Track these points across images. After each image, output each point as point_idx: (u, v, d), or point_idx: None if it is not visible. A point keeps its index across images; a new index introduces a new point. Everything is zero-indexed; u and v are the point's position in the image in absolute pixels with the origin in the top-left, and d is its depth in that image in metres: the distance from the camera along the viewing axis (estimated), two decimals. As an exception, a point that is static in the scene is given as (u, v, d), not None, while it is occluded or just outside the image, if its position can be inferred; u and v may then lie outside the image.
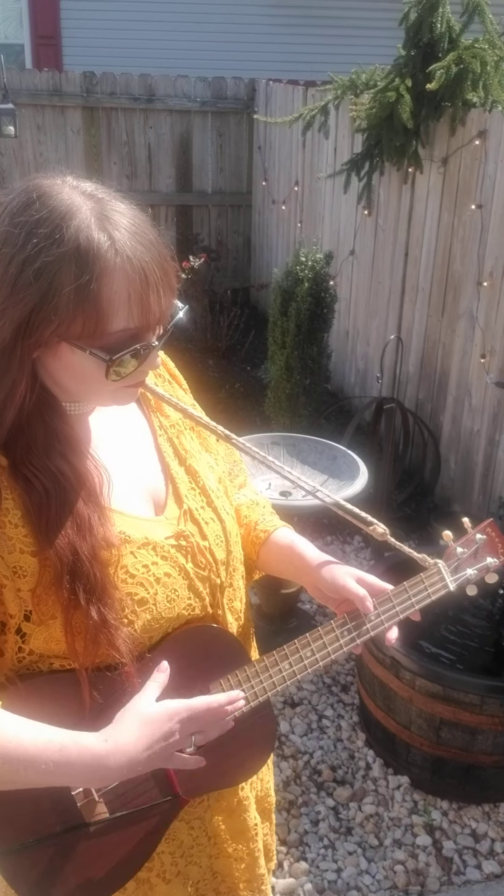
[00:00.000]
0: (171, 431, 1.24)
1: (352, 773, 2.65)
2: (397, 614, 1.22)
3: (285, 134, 5.85)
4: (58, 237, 0.91)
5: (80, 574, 1.01)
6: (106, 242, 0.92)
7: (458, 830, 2.48)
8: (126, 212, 0.96)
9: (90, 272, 0.91)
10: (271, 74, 6.74)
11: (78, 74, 6.54)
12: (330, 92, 4.50)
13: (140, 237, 0.95)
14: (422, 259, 4.11)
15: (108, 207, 0.95)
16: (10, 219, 0.93)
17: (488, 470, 3.70)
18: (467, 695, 2.33)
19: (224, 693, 1.11)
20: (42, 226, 0.91)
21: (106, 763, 1.00)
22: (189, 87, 6.68)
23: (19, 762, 0.97)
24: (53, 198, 0.93)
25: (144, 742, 1.02)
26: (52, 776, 0.99)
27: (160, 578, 1.10)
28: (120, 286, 0.92)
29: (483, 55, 3.60)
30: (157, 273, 0.95)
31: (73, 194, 0.94)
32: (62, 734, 1.00)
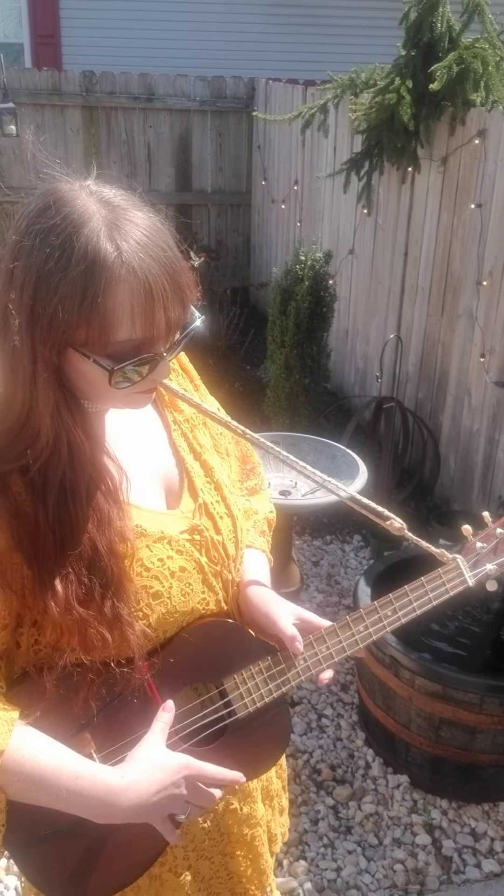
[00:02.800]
0: (185, 426, 1.25)
1: (351, 773, 2.66)
2: (414, 610, 1.21)
3: (285, 133, 5.85)
4: (68, 246, 0.91)
5: (97, 568, 1.02)
6: (113, 253, 0.92)
7: (457, 829, 2.48)
8: (141, 221, 0.96)
9: (95, 282, 0.91)
10: (271, 74, 6.74)
11: (77, 74, 6.54)
12: (329, 91, 4.50)
13: (150, 248, 0.94)
14: (421, 258, 4.11)
15: (121, 216, 0.95)
16: (26, 225, 0.95)
17: (488, 469, 3.70)
18: (467, 694, 2.33)
19: (232, 773, 1.11)
20: (54, 233, 0.92)
21: (117, 800, 1.01)
22: (188, 86, 6.68)
23: (33, 782, 0.99)
24: (68, 204, 0.94)
25: (156, 787, 1.03)
26: (64, 803, 1.00)
27: (175, 572, 1.11)
28: (124, 297, 0.92)
29: (484, 55, 3.60)
30: (165, 286, 0.94)
31: (88, 201, 0.94)
32: (80, 763, 1.02)
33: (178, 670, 1.12)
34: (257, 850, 1.34)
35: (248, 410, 4.79)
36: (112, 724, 1.07)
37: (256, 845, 1.34)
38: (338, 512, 3.87)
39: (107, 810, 1.01)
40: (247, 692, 1.16)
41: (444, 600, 1.23)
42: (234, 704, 1.15)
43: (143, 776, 1.03)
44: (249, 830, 1.32)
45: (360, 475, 3.06)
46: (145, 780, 1.03)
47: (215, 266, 6.55)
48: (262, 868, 1.36)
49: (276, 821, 1.45)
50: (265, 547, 1.37)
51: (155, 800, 1.03)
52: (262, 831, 1.35)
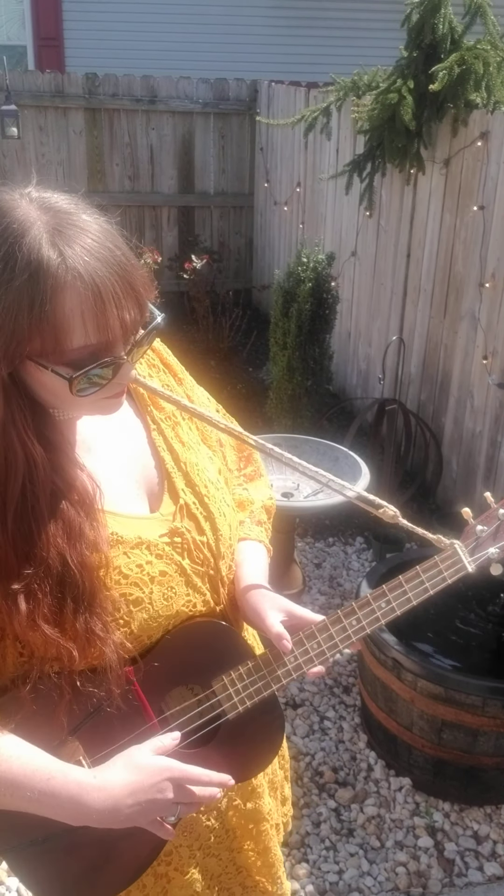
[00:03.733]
0: (166, 424, 1.22)
1: (353, 775, 2.65)
2: (410, 600, 1.16)
3: (287, 135, 5.85)
4: (10, 256, 0.89)
5: (68, 583, 1.00)
6: (56, 259, 0.89)
7: (459, 832, 2.47)
8: (86, 224, 0.94)
9: (41, 290, 0.89)
10: (273, 76, 6.75)
11: (80, 76, 6.55)
12: (332, 93, 4.50)
13: (97, 251, 0.92)
14: (424, 260, 4.10)
15: (64, 221, 0.92)
16: None
17: (490, 471, 3.69)
18: (469, 696, 2.32)
19: (219, 775, 1.09)
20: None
21: (88, 800, 0.99)
22: (191, 88, 6.69)
23: (5, 786, 0.98)
24: (8, 214, 0.91)
25: (130, 789, 1.01)
26: (38, 804, 0.99)
27: (155, 577, 1.09)
28: (73, 303, 0.90)
29: (486, 56, 3.60)
30: (115, 287, 0.92)
31: (30, 209, 0.92)
32: (53, 764, 1.00)
33: (166, 673, 1.11)
34: (265, 843, 1.34)
35: (250, 412, 4.79)
36: (101, 731, 1.06)
37: (264, 839, 1.34)
38: (340, 514, 3.87)
39: (80, 810, 0.99)
40: (236, 692, 1.14)
41: (441, 588, 1.17)
42: (223, 705, 1.14)
43: (116, 777, 1.01)
44: (255, 826, 1.32)
45: (363, 477, 3.06)
46: (119, 782, 1.01)
47: (217, 268, 6.55)
48: (272, 861, 1.36)
49: (279, 811, 1.46)
50: (262, 537, 1.34)
51: (130, 801, 1.01)
52: (270, 826, 1.35)
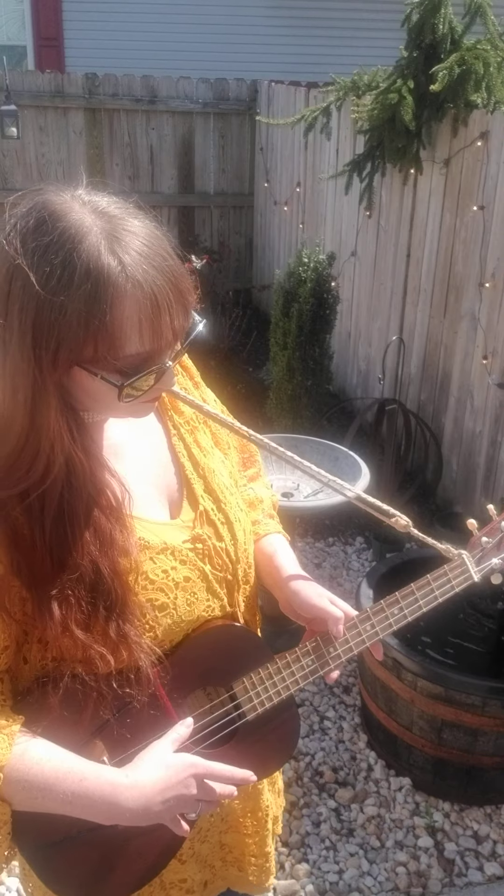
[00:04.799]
0: (185, 428, 1.23)
1: (353, 775, 2.65)
2: (420, 608, 1.20)
3: (287, 135, 5.85)
4: (68, 263, 0.88)
5: (100, 590, 1.01)
6: (116, 268, 0.89)
7: (459, 832, 2.47)
8: (139, 231, 0.93)
9: (100, 298, 0.89)
10: (273, 76, 6.75)
11: (80, 76, 6.55)
12: (332, 93, 4.50)
13: (152, 259, 0.92)
14: (423, 260, 4.10)
15: (119, 227, 0.92)
16: (21, 243, 0.90)
17: (490, 472, 3.70)
18: (469, 696, 2.32)
19: (241, 771, 1.11)
20: (52, 250, 0.89)
21: (121, 800, 1.01)
22: (191, 88, 6.69)
23: (38, 790, 0.99)
24: (63, 218, 0.90)
25: (161, 786, 1.03)
26: (70, 806, 1.00)
27: (179, 583, 1.11)
28: (131, 312, 0.90)
29: (486, 56, 3.60)
30: (169, 295, 0.93)
31: (83, 213, 0.91)
32: (85, 765, 1.02)
33: (187, 675, 1.13)
34: (263, 835, 1.37)
35: (250, 412, 4.79)
36: (123, 732, 1.07)
37: (262, 831, 1.37)
38: (340, 514, 3.87)
39: (113, 810, 1.01)
40: (256, 695, 1.16)
41: (449, 597, 1.22)
42: (243, 707, 1.16)
43: (147, 776, 1.03)
44: (252, 815, 1.35)
45: (363, 477, 3.06)
46: (150, 780, 1.02)
47: (218, 268, 6.55)
48: (267, 852, 1.39)
49: (276, 803, 1.47)
50: (279, 528, 1.37)
51: (160, 799, 1.02)
52: (269, 818, 1.38)
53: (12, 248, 0.90)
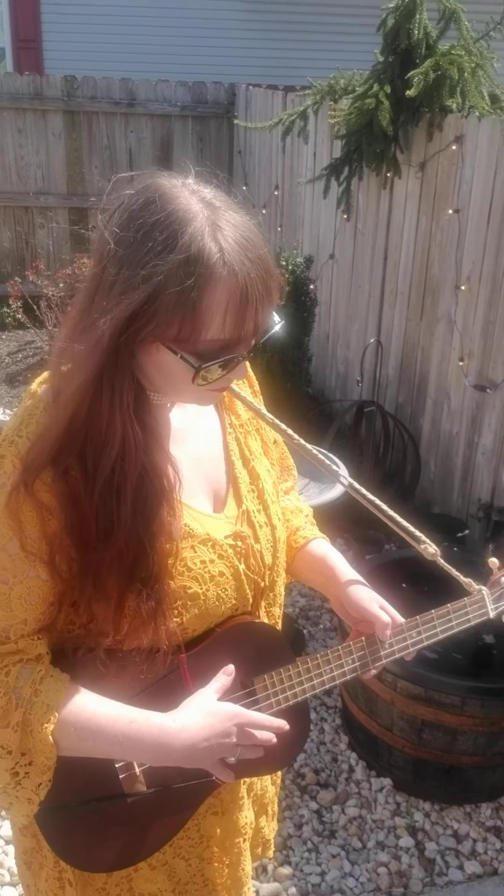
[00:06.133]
0: (240, 431, 1.27)
1: (335, 776, 2.67)
2: (437, 634, 1.28)
3: (265, 138, 5.87)
4: (171, 242, 0.92)
5: (141, 567, 1.05)
6: (216, 254, 0.93)
7: (440, 831, 2.49)
8: (239, 224, 0.97)
9: (195, 280, 0.92)
10: (251, 79, 6.77)
11: (59, 78, 6.54)
12: (309, 97, 4.52)
13: (248, 251, 0.96)
14: (401, 263, 4.13)
15: (222, 217, 0.96)
16: (128, 218, 0.95)
17: (467, 472, 3.73)
18: (448, 696, 2.34)
19: (278, 720, 1.14)
20: (158, 229, 0.93)
21: (170, 741, 1.05)
22: (170, 91, 6.70)
23: (90, 731, 1.03)
24: (172, 201, 0.95)
25: (206, 732, 1.07)
26: (120, 748, 1.05)
27: (214, 577, 1.14)
28: (221, 297, 0.94)
29: (460, 61, 3.63)
30: (259, 289, 0.96)
31: (191, 199, 0.95)
32: (132, 709, 1.06)
33: (213, 665, 1.15)
34: (236, 857, 1.34)
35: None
36: (147, 707, 1.10)
37: (236, 853, 1.33)
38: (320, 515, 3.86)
39: (161, 751, 1.05)
40: (274, 694, 1.20)
41: (465, 628, 1.30)
42: (260, 704, 1.19)
43: (194, 720, 1.07)
44: (229, 838, 1.32)
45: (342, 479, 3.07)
46: (196, 724, 1.06)
47: None
48: (239, 876, 1.36)
49: (269, 826, 1.46)
50: (323, 535, 1.44)
51: (205, 744, 1.06)
52: (244, 840, 1.35)
53: (119, 223, 0.95)
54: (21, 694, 1.01)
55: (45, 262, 6.43)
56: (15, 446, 1.02)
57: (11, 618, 1.03)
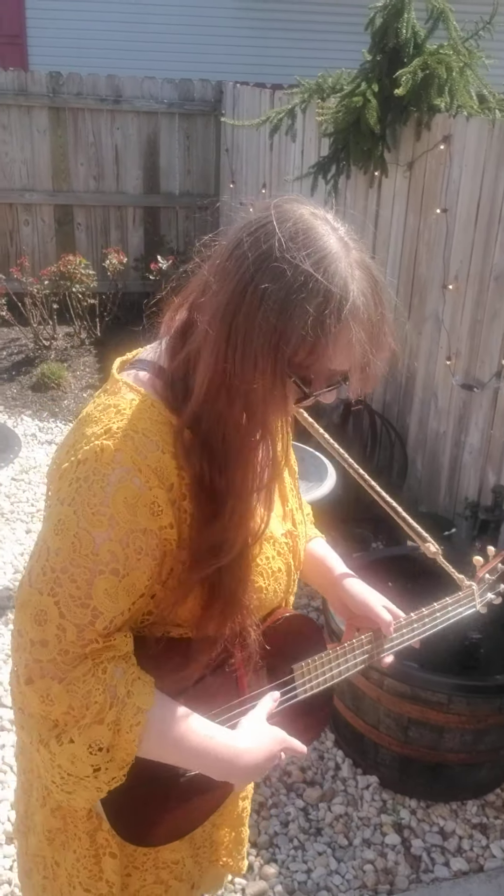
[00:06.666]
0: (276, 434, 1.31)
1: (321, 774, 2.66)
2: (438, 625, 1.42)
3: (252, 136, 5.86)
4: (319, 276, 0.96)
5: (239, 558, 1.10)
6: (359, 297, 0.98)
7: (426, 829, 2.50)
8: (369, 266, 1.02)
9: (338, 317, 0.96)
10: (238, 77, 6.76)
11: (44, 74, 6.49)
12: (297, 95, 4.52)
13: (376, 296, 1.01)
14: (388, 262, 4.14)
15: (353, 258, 1.01)
16: (280, 244, 0.97)
17: (454, 471, 3.74)
18: (434, 694, 2.35)
19: (303, 747, 1.23)
20: (308, 261, 0.96)
21: (238, 762, 1.12)
22: (156, 88, 6.67)
23: (171, 738, 1.07)
24: (320, 237, 0.99)
25: (264, 755, 1.15)
26: (195, 759, 1.10)
27: (274, 573, 1.21)
28: (353, 336, 0.98)
29: (448, 61, 3.64)
30: (382, 335, 1.02)
31: (332, 237, 1.00)
32: (209, 724, 1.12)
33: (260, 654, 1.21)
34: (241, 820, 1.43)
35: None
36: (200, 698, 1.14)
37: (243, 817, 1.43)
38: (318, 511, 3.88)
39: (231, 769, 1.12)
40: (311, 679, 1.28)
41: (455, 619, 1.45)
42: (297, 689, 1.26)
43: (260, 743, 1.15)
44: (242, 803, 1.42)
45: (329, 477, 3.08)
46: (258, 747, 1.14)
47: (183, 269, 6.54)
48: (242, 838, 1.45)
49: None
50: (321, 534, 1.49)
51: (264, 764, 1.15)
52: (249, 803, 1.46)
53: (274, 247, 0.97)
54: (116, 693, 1.03)
55: (30, 259, 6.39)
56: (132, 441, 1.02)
57: (116, 609, 1.05)
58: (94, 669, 1.03)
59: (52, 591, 1.02)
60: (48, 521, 1.06)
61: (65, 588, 1.02)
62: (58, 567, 1.02)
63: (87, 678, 1.03)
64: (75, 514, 1.01)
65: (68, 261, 5.97)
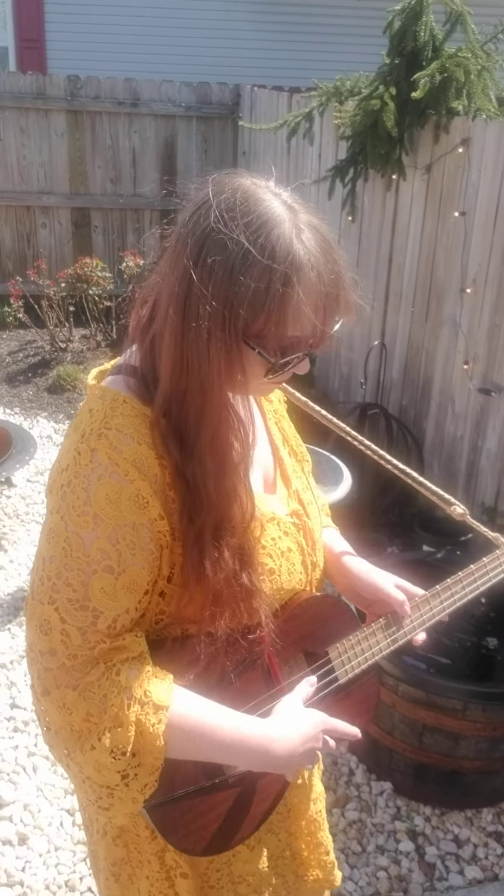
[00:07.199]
0: (276, 416, 1.34)
1: (335, 779, 2.65)
2: (477, 588, 1.34)
3: (270, 140, 5.87)
4: (265, 242, 0.96)
5: (238, 545, 1.09)
6: (305, 256, 0.97)
7: (440, 836, 2.48)
8: (318, 226, 1.01)
9: (286, 280, 0.96)
10: (256, 80, 6.77)
11: (62, 78, 6.53)
12: (314, 99, 4.51)
13: (327, 254, 1.00)
14: (405, 266, 4.12)
15: (303, 221, 1.00)
16: (217, 216, 0.97)
17: (471, 476, 3.71)
18: (450, 700, 2.33)
19: (353, 727, 1.20)
20: (249, 229, 0.96)
21: (273, 749, 1.09)
22: (174, 91, 6.69)
23: (197, 734, 1.05)
24: (260, 203, 0.98)
25: (303, 738, 1.12)
26: (226, 752, 1.07)
27: (284, 552, 1.19)
28: (309, 298, 0.97)
29: (466, 64, 3.62)
30: (337, 289, 1.01)
31: (275, 202, 0.99)
32: (237, 715, 1.09)
33: (288, 641, 1.19)
34: (317, 824, 1.39)
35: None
36: (234, 691, 1.13)
37: (318, 820, 1.40)
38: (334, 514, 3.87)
39: (264, 758, 1.09)
40: (347, 659, 1.25)
41: (495, 581, 1.37)
42: (336, 671, 1.24)
43: (295, 729, 1.11)
44: (311, 807, 1.38)
45: (345, 481, 3.07)
46: (297, 733, 1.11)
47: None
48: (322, 844, 1.41)
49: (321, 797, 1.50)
50: (333, 525, 1.47)
51: (301, 750, 1.11)
52: (323, 806, 1.43)
53: (212, 220, 0.97)
54: (132, 694, 1.02)
55: (47, 261, 6.42)
56: (106, 438, 1.03)
57: (118, 608, 1.04)
58: (107, 673, 1.02)
59: (51, 599, 1.03)
60: (42, 532, 1.07)
61: (62, 593, 1.02)
62: (53, 574, 1.03)
63: (101, 682, 1.02)
64: (63, 520, 1.03)
65: (85, 263, 5.99)
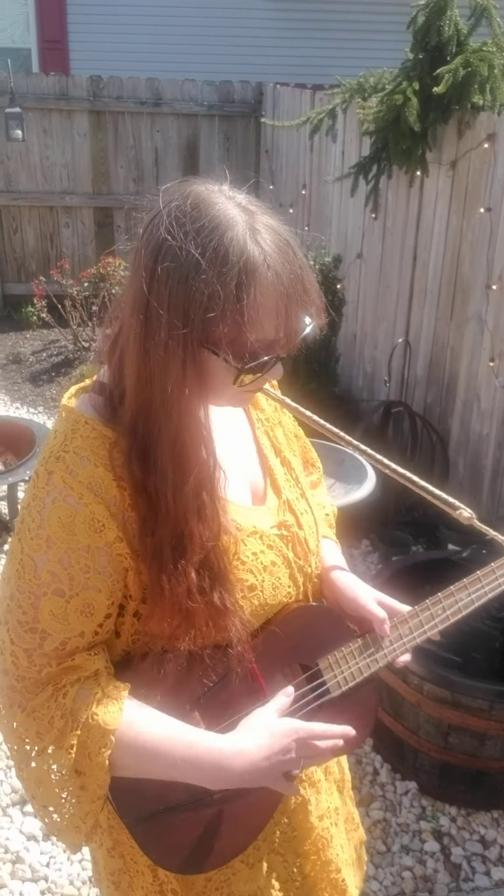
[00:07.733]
0: (267, 424, 1.30)
1: (359, 779, 2.64)
2: (487, 593, 1.26)
3: (293, 137, 5.85)
4: (218, 247, 0.94)
5: (205, 563, 1.06)
6: (260, 257, 0.95)
7: (466, 836, 2.46)
8: (275, 226, 0.99)
9: (243, 283, 0.94)
10: (278, 78, 6.75)
11: (85, 78, 6.56)
12: (338, 95, 4.49)
13: (287, 254, 0.98)
14: (430, 262, 4.10)
15: (258, 221, 0.98)
16: (172, 226, 0.95)
17: (497, 474, 3.68)
18: (476, 700, 2.31)
19: (340, 727, 1.14)
20: (202, 234, 0.94)
21: (229, 765, 1.04)
22: (196, 90, 6.70)
23: (147, 754, 1.03)
24: (212, 207, 0.96)
25: (265, 752, 1.06)
26: (179, 771, 1.04)
27: (267, 566, 1.16)
28: (265, 300, 0.95)
29: (490, 58, 3.59)
30: (299, 289, 0.98)
31: (228, 205, 0.97)
32: (192, 732, 1.06)
33: (276, 653, 1.17)
34: (325, 841, 1.33)
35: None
36: (219, 706, 1.11)
37: (325, 837, 1.33)
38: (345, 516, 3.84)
39: (221, 775, 1.05)
40: (339, 672, 1.21)
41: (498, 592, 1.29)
42: (328, 684, 1.20)
43: (253, 741, 1.06)
44: (320, 823, 1.32)
45: (368, 480, 3.05)
46: (255, 745, 1.06)
47: None
48: (329, 858, 1.35)
49: (345, 810, 1.46)
50: (332, 534, 1.42)
51: (265, 763, 1.06)
52: (333, 824, 1.36)
53: (163, 230, 0.96)
54: (77, 717, 1.01)
55: (70, 261, 6.46)
56: (63, 462, 1.03)
57: (68, 630, 1.03)
58: (55, 695, 1.03)
59: (5, 620, 1.04)
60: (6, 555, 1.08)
61: (13, 615, 1.03)
62: (7, 595, 1.04)
63: (49, 704, 1.02)
64: (20, 542, 1.04)
65: (108, 263, 6.02)
